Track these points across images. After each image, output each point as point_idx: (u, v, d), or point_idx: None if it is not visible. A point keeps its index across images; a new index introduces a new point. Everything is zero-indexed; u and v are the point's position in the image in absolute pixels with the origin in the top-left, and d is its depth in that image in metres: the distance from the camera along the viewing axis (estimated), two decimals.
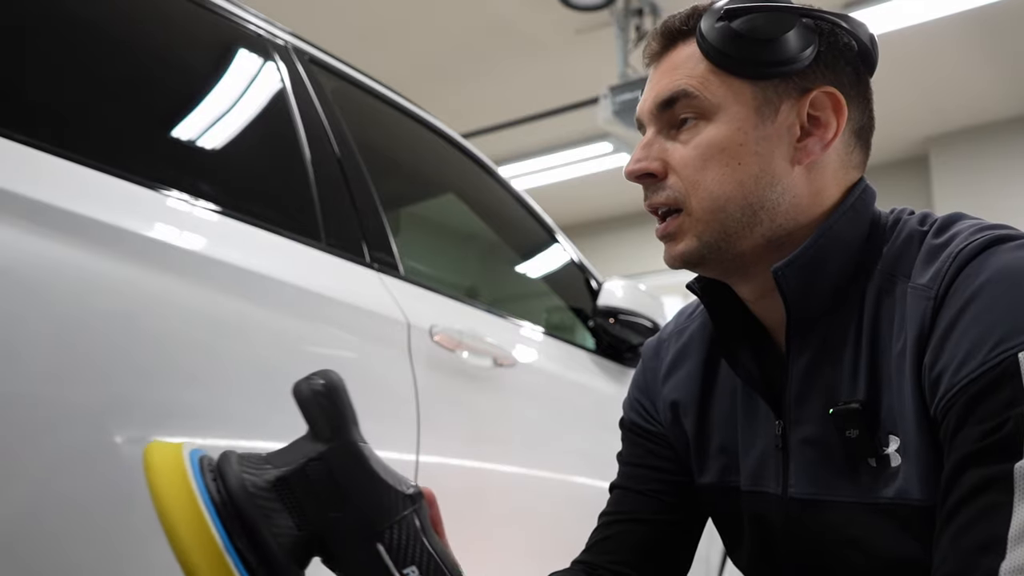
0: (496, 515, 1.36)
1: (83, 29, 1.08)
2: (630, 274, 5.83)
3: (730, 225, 0.76)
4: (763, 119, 0.76)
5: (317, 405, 0.69)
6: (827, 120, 0.76)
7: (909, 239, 0.75)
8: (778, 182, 0.76)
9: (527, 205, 1.87)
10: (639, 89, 3.51)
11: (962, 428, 0.64)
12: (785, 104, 0.76)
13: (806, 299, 0.76)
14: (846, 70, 0.78)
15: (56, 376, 0.83)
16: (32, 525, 0.81)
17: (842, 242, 0.76)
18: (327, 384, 0.69)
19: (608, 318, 1.74)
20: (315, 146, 1.29)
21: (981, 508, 0.61)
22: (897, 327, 0.72)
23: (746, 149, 0.76)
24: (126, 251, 0.92)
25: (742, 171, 0.76)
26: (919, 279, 0.71)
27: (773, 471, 0.81)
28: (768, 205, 0.76)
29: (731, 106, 0.76)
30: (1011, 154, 5.59)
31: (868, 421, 0.73)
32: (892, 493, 0.71)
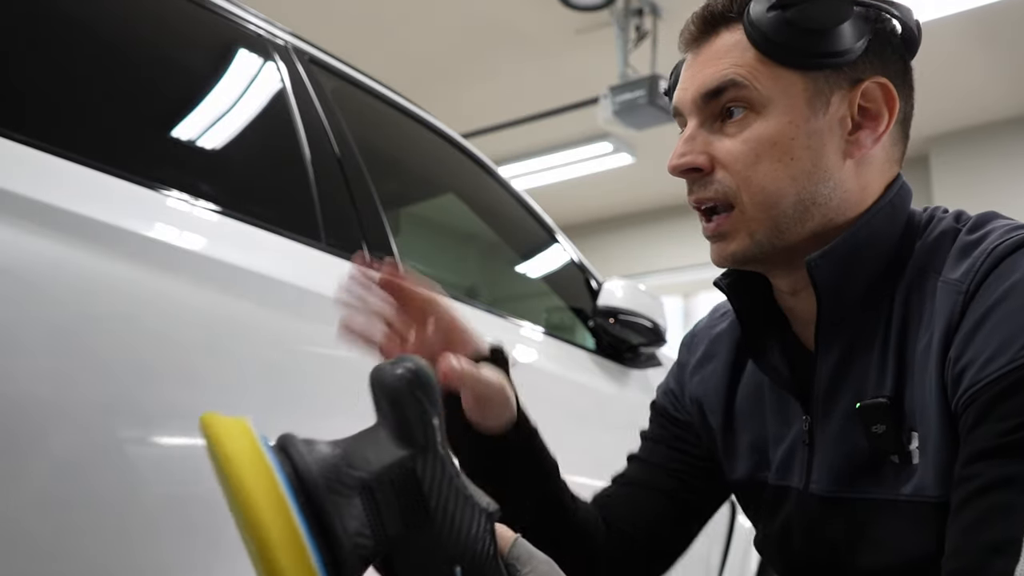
0: None
1: (83, 29, 1.08)
2: (630, 274, 5.84)
3: (782, 222, 0.75)
4: (815, 112, 0.74)
5: (413, 402, 0.61)
6: (878, 111, 0.75)
7: (943, 235, 0.73)
8: (830, 177, 0.74)
9: (527, 205, 1.87)
10: (639, 89, 3.53)
11: (982, 423, 0.63)
12: (836, 96, 0.74)
13: (838, 293, 0.75)
14: (894, 58, 0.77)
15: (56, 376, 0.83)
16: (32, 525, 0.81)
17: (879, 238, 0.75)
18: (421, 377, 0.61)
19: (608, 318, 1.74)
20: (315, 146, 1.29)
21: (996, 506, 0.60)
22: (925, 322, 0.71)
23: (798, 143, 0.73)
24: (126, 251, 0.92)
25: (795, 166, 0.73)
26: (951, 274, 0.70)
27: (798, 466, 0.80)
28: (820, 200, 0.74)
29: (782, 98, 0.73)
30: (1011, 154, 5.59)
31: (894, 417, 0.72)
32: (910, 489, 0.71)
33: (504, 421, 0.82)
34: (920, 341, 0.71)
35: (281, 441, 0.62)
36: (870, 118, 0.75)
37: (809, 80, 0.73)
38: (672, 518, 0.93)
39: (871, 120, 0.75)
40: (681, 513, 0.94)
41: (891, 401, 0.72)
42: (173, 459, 0.92)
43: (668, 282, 7.14)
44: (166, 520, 0.91)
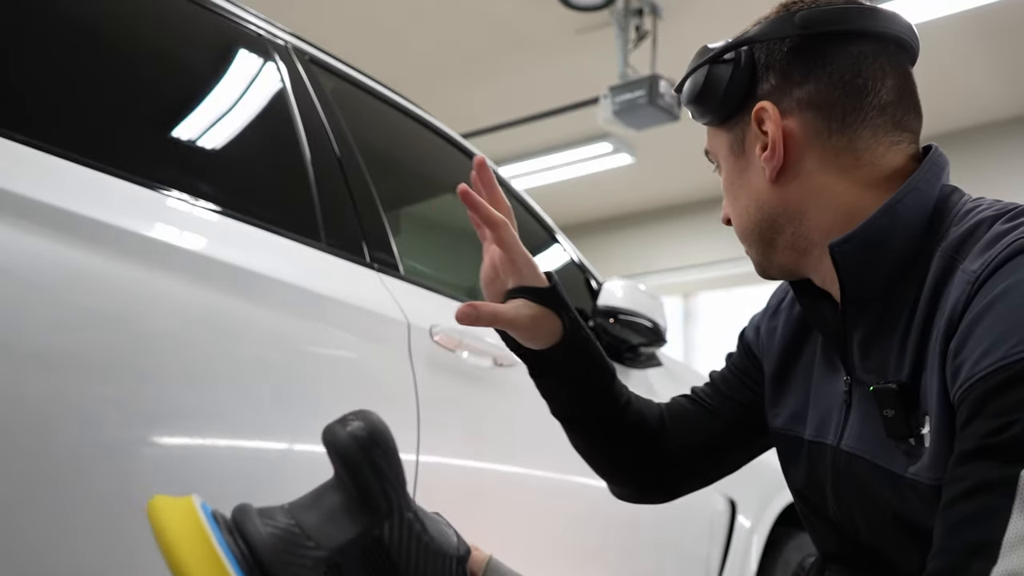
0: (496, 515, 1.36)
1: (83, 29, 1.08)
2: (630, 274, 5.85)
3: (757, 245, 0.87)
4: (736, 155, 0.85)
5: (370, 469, 0.57)
6: (771, 131, 0.81)
7: (979, 224, 0.73)
8: (766, 205, 0.83)
9: (527, 205, 1.87)
10: (639, 89, 3.53)
11: (972, 421, 0.64)
12: (747, 134, 0.84)
13: (861, 276, 0.78)
14: (777, 73, 0.81)
15: (56, 376, 0.83)
16: (32, 524, 0.81)
17: (904, 220, 0.76)
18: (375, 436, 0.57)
19: (608, 318, 1.74)
20: (315, 146, 1.29)
21: (979, 508, 0.61)
22: (942, 310, 0.71)
23: (736, 184, 0.86)
24: (126, 251, 0.92)
25: (738, 204, 0.86)
26: (970, 264, 0.70)
27: (835, 424, 0.84)
28: (767, 224, 0.84)
29: (719, 152, 0.88)
30: (1011, 154, 5.59)
31: (906, 402, 0.74)
32: (914, 469, 0.73)
33: (551, 341, 0.91)
34: (938, 329, 0.71)
35: (235, 515, 0.58)
36: (768, 139, 0.81)
37: (726, 130, 0.86)
38: (721, 445, 1.03)
39: (771, 140, 0.81)
40: (731, 442, 1.02)
41: (903, 387, 0.74)
42: (173, 459, 0.93)
43: (668, 282, 7.14)
44: None
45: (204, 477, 0.95)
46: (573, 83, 4.96)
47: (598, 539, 1.60)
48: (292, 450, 1.04)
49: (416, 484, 1.18)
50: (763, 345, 0.99)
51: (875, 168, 0.79)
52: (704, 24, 4.50)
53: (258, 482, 1.00)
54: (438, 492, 1.21)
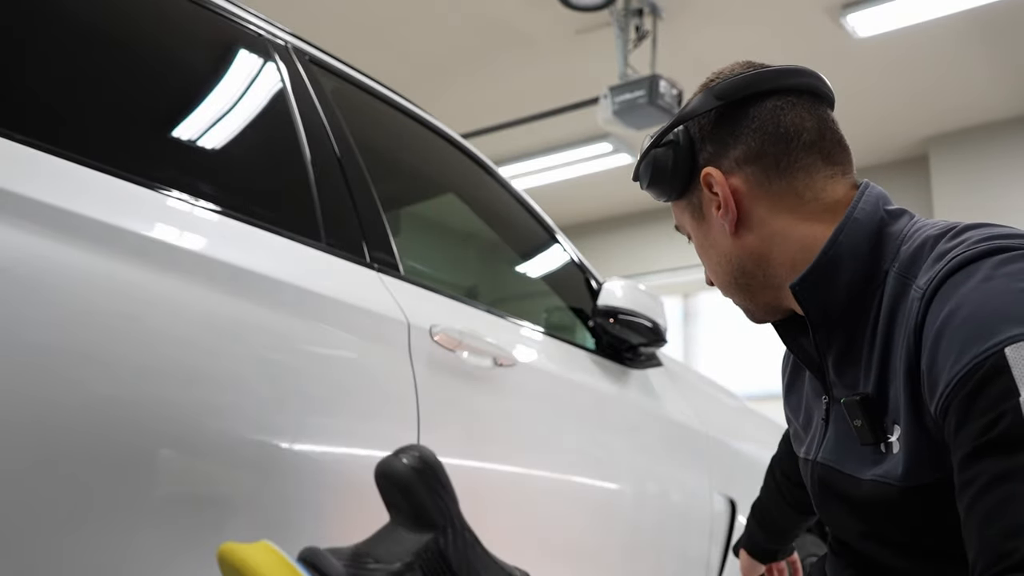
0: (496, 515, 1.36)
1: (83, 29, 1.08)
2: (630, 274, 5.84)
3: (736, 295, 0.95)
4: (698, 221, 0.94)
5: (424, 488, 0.65)
6: (720, 191, 0.89)
7: (924, 242, 0.80)
8: (734, 256, 0.91)
9: (527, 205, 1.87)
10: (639, 89, 3.53)
11: (963, 425, 0.67)
12: (703, 200, 0.92)
13: (823, 304, 0.86)
14: (712, 141, 0.90)
15: (55, 376, 0.83)
16: (32, 524, 0.81)
17: (849, 250, 0.84)
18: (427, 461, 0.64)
19: (608, 318, 1.74)
20: (315, 146, 1.29)
21: (1000, 500, 0.63)
22: (901, 324, 0.78)
23: (704, 246, 0.95)
24: (126, 251, 0.92)
25: (712, 262, 0.95)
26: (920, 280, 0.77)
27: (817, 440, 0.93)
28: (739, 273, 0.92)
29: (684, 223, 0.97)
30: (1011, 154, 5.59)
31: (872, 412, 0.81)
32: (880, 471, 0.80)
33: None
34: (899, 344, 0.78)
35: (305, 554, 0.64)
36: (721, 198, 0.90)
37: (685, 202, 0.95)
38: None
39: (722, 199, 0.90)
40: None
41: (864, 399, 0.82)
42: (173, 459, 0.93)
43: (668, 282, 7.13)
44: (166, 519, 0.91)
45: (204, 477, 0.95)
46: (573, 83, 4.95)
47: (598, 539, 1.60)
48: (292, 450, 1.04)
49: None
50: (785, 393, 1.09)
51: (818, 202, 0.87)
52: (704, 24, 4.50)
53: (258, 482, 1.00)
54: None
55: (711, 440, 1.99)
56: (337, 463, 1.09)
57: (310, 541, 1.04)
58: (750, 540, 1.35)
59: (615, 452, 1.69)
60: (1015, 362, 0.65)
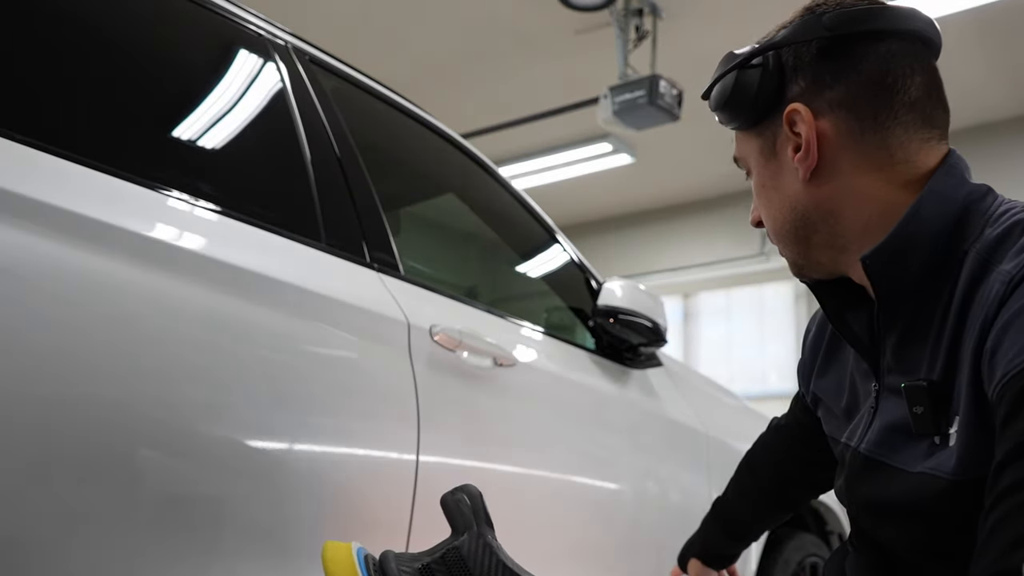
0: (495, 515, 1.36)
1: (83, 29, 1.08)
2: (630, 274, 5.84)
3: (791, 245, 0.88)
4: (767, 158, 0.86)
5: (457, 508, 0.80)
6: (804, 132, 0.82)
7: (1015, 225, 0.74)
8: (800, 203, 0.84)
9: (527, 205, 1.87)
10: (639, 89, 3.53)
11: (1011, 420, 0.64)
12: (779, 136, 0.85)
13: (894, 281, 0.79)
14: (807, 75, 0.82)
15: (56, 376, 0.83)
16: (32, 524, 0.81)
17: (930, 226, 0.78)
18: (466, 493, 0.82)
19: (608, 318, 1.74)
20: (315, 146, 1.29)
21: (1016, 504, 0.61)
22: (977, 310, 0.73)
23: (767, 187, 0.87)
24: (126, 251, 0.92)
25: (772, 206, 0.88)
26: (1006, 265, 0.71)
27: (862, 429, 0.87)
28: (805, 224, 0.85)
29: (749, 156, 0.89)
30: (1011, 154, 5.59)
31: (935, 400, 0.76)
32: (931, 464, 0.75)
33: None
34: (971, 329, 0.72)
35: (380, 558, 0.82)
36: (802, 139, 0.82)
37: (756, 134, 0.87)
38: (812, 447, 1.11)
39: (803, 140, 0.82)
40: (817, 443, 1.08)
41: (931, 385, 0.76)
42: (173, 459, 0.93)
43: (668, 282, 7.13)
44: (166, 519, 0.91)
45: (204, 477, 0.95)
46: (573, 83, 4.95)
47: (598, 539, 1.60)
48: (292, 450, 1.04)
49: (416, 484, 1.18)
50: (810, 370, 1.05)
51: (908, 166, 0.80)
52: (704, 24, 4.50)
53: (258, 482, 1.00)
54: (438, 492, 1.21)
55: (711, 440, 1.99)
56: (337, 463, 1.09)
57: (309, 541, 1.04)
58: (706, 546, 1.26)
59: (615, 452, 1.69)
60: None
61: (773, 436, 1.22)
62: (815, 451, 1.09)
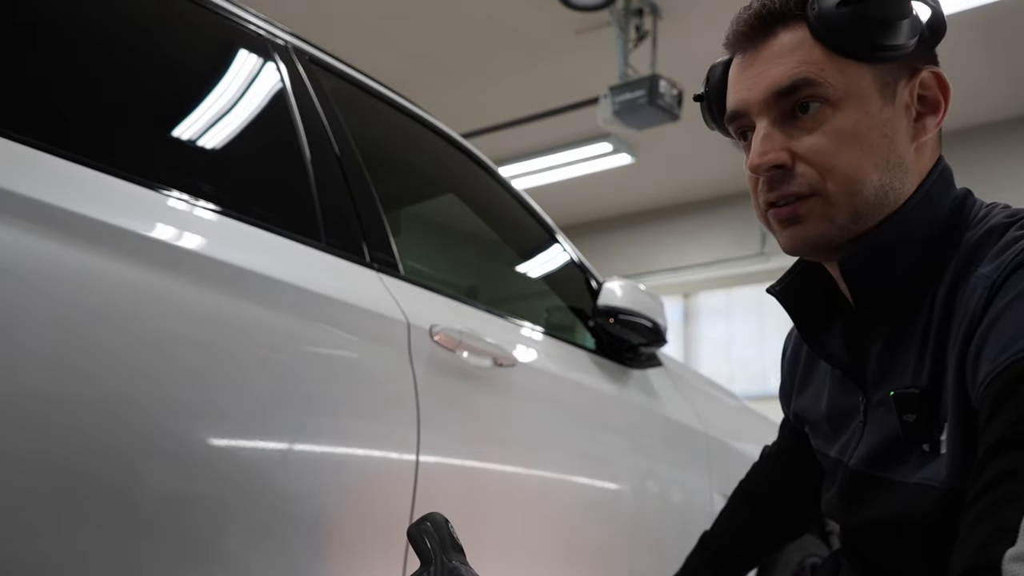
0: (496, 515, 1.36)
1: (83, 29, 1.08)
2: (630, 274, 5.84)
3: (862, 207, 0.77)
4: (886, 101, 0.77)
5: (422, 538, 0.81)
6: (935, 98, 0.79)
7: (992, 230, 0.74)
8: (903, 161, 0.78)
9: (527, 205, 1.87)
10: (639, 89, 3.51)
11: (993, 417, 0.64)
12: (900, 85, 0.78)
13: (875, 287, 0.79)
14: (932, 49, 0.81)
15: (56, 376, 0.83)
16: (32, 524, 0.81)
17: (916, 230, 0.77)
18: (430, 522, 0.83)
19: (608, 318, 1.74)
20: (315, 146, 1.29)
21: (999, 497, 0.61)
22: (959, 315, 0.72)
23: (876, 132, 0.77)
24: (126, 251, 0.92)
25: (876, 153, 0.77)
26: (986, 267, 0.71)
27: (853, 442, 0.85)
28: (896, 185, 0.78)
29: (856, 90, 0.76)
30: (1011, 154, 5.59)
31: (926, 407, 0.74)
32: (925, 475, 0.74)
33: None
34: (955, 334, 0.72)
35: None
36: (929, 105, 0.79)
37: (876, 72, 0.77)
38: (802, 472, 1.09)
39: (931, 107, 0.79)
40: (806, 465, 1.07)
41: (924, 392, 0.74)
42: (173, 459, 0.92)
43: (668, 282, 7.13)
44: (166, 519, 0.91)
45: (203, 477, 0.95)
46: (573, 83, 4.95)
47: (598, 539, 1.60)
48: (292, 450, 1.04)
49: (416, 484, 1.18)
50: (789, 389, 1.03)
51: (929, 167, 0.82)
52: (704, 24, 4.49)
53: (258, 482, 1.00)
54: (438, 492, 1.21)
55: (711, 440, 1.99)
56: (337, 463, 1.09)
57: (308, 540, 1.04)
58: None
59: (615, 452, 1.69)
60: None
61: (766, 465, 1.18)
62: (811, 475, 1.05)
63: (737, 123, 0.82)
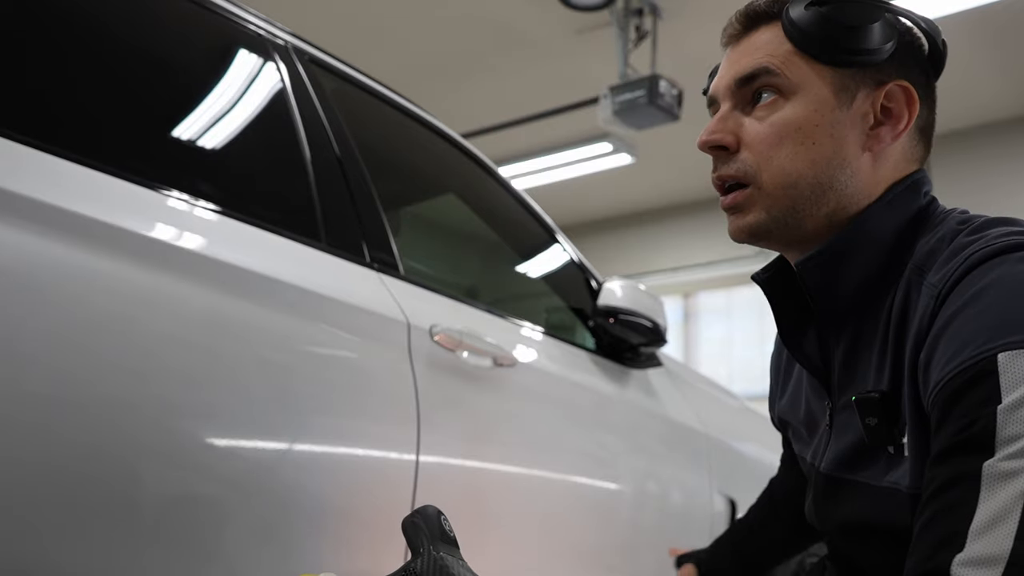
0: (496, 515, 1.36)
1: (83, 29, 1.08)
2: (630, 274, 5.84)
3: (799, 202, 0.80)
4: (840, 103, 0.79)
5: (411, 528, 0.81)
6: (899, 112, 0.80)
7: (943, 237, 0.76)
8: (847, 165, 0.79)
9: (527, 205, 1.87)
10: (639, 89, 3.53)
11: (942, 424, 0.66)
12: (861, 92, 0.80)
13: (830, 291, 0.80)
14: (916, 69, 0.82)
15: (56, 376, 0.83)
16: (33, 525, 0.81)
17: (872, 236, 0.79)
18: (421, 514, 0.83)
19: (608, 318, 1.74)
20: (315, 146, 1.29)
21: (947, 503, 0.62)
22: (912, 321, 0.74)
23: (822, 130, 0.79)
24: (126, 251, 0.92)
25: (816, 151, 0.79)
26: (933, 277, 0.72)
27: (822, 446, 0.87)
28: (837, 186, 0.79)
29: (810, 88, 0.79)
30: (1011, 154, 5.58)
31: (887, 411, 0.76)
32: (892, 478, 0.75)
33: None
34: (908, 341, 0.74)
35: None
36: (891, 117, 0.81)
37: (837, 75, 0.79)
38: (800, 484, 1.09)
39: (892, 119, 0.81)
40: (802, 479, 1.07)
41: (884, 396, 0.76)
42: (173, 459, 0.92)
43: (668, 282, 7.13)
44: (166, 520, 0.91)
45: (203, 477, 0.95)
46: (573, 83, 4.95)
47: (598, 539, 1.60)
48: (292, 450, 1.04)
49: (416, 484, 1.18)
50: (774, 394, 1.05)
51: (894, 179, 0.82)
52: (704, 24, 4.50)
53: (258, 482, 1.00)
54: (438, 492, 1.21)
55: (711, 440, 1.99)
56: (337, 463, 1.09)
57: (308, 540, 1.04)
58: (710, 562, 1.24)
59: (615, 452, 1.69)
60: (1005, 368, 0.62)
61: (785, 470, 1.23)
62: None
63: (712, 109, 0.87)
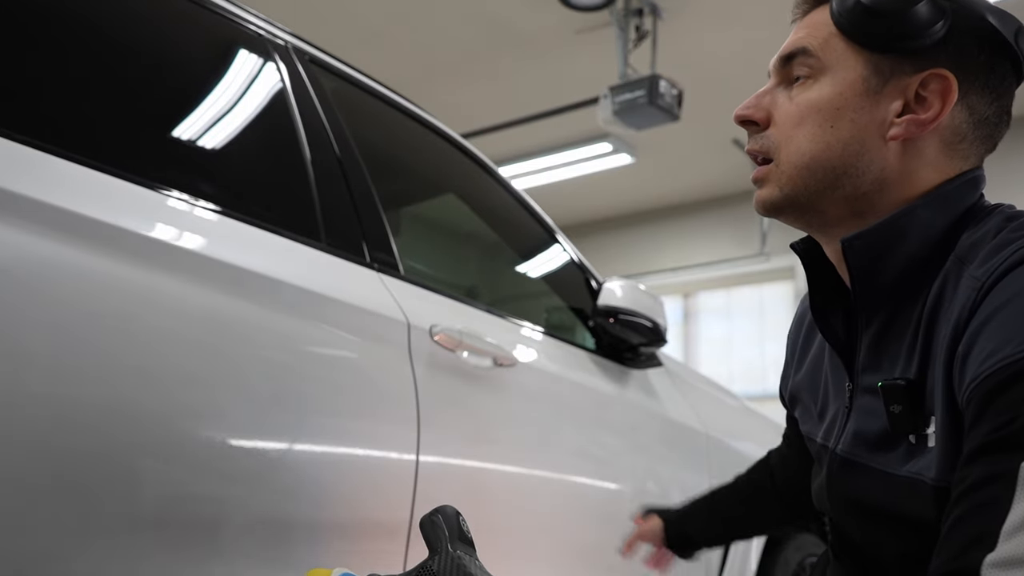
0: (496, 515, 1.36)
1: (83, 29, 1.08)
2: (630, 274, 5.84)
3: (810, 183, 0.80)
4: (868, 89, 0.78)
5: (430, 527, 0.82)
6: (931, 102, 0.77)
7: (988, 231, 0.74)
8: (866, 152, 0.78)
9: (527, 205, 1.87)
10: (639, 89, 3.53)
11: (978, 421, 0.65)
12: (896, 78, 0.78)
13: (871, 274, 0.79)
14: (975, 58, 0.78)
15: (56, 376, 0.83)
16: (32, 525, 0.81)
17: (922, 227, 0.77)
18: (440, 510, 0.84)
19: (608, 318, 1.74)
20: (315, 146, 1.29)
21: (980, 502, 0.62)
22: (946, 312, 0.73)
23: (841, 114, 0.78)
24: (126, 251, 0.92)
25: (832, 134, 0.79)
26: (976, 269, 0.71)
27: (837, 429, 0.86)
28: (852, 172, 0.78)
29: (840, 70, 0.79)
30: (1011, 154, 5.58)
31: (913, 399, 0.75)
32: (914, 468, 0.74)
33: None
34: (943, 330, 0.73)
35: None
36: (923, 107, 0.77)
37: (873, 59, 0.78)
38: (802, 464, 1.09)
39: (922, 108, 0.77)
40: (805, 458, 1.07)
41: (911, 384, 0.75)
42: (173, 459, 0.93)
43: (668, 282, 7.13)
44: (166, 520, 0.91)
45: (204, 477, 0.95)
46: (573, 83, 4.95)
47: (598, 539, 1.60)
48: (292, 450, 1.04)
49: (416, 484, 1.18)
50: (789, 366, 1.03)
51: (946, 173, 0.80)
52: (704, 24, 4.50)
53: (258, 482, 1.00)
54: (438, 492, 1.21)
55: (711, 440, 1.99)
56: (337, 463, 1.09)
57: (308, 540, 1.04)
58: (680, 521, 1.27)
59: (615, 452, 1.69)
60: None
61: (785, 446, 1.22)
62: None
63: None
